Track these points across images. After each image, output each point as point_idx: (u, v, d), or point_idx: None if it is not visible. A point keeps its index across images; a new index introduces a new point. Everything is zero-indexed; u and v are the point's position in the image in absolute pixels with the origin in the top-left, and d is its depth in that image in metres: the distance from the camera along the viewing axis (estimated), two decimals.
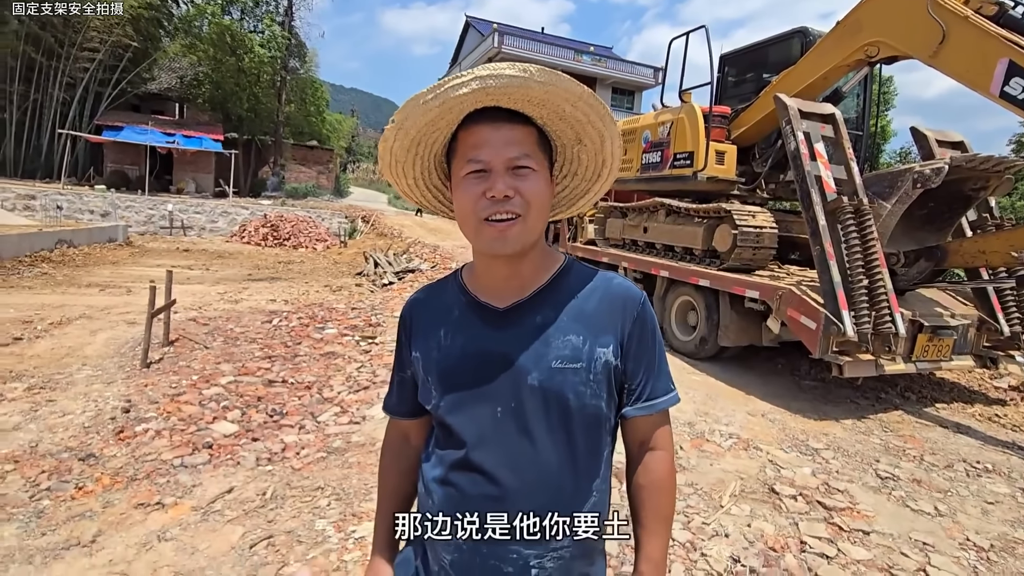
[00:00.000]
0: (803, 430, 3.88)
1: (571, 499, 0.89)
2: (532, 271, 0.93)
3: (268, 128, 25.97)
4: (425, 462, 0.98)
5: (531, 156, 0.86)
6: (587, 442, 0.90)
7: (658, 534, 0.95)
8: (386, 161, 0.93)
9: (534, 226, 0.87)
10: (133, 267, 11.04)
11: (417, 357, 0.96)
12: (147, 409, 3.73)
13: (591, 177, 0.99)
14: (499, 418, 0.88)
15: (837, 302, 3.99)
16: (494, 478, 0.87)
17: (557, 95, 0.84)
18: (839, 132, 4.71)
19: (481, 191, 0.84)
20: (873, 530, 2.65)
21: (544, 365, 0.87)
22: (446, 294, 0.99)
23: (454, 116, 0.86)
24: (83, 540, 2.39)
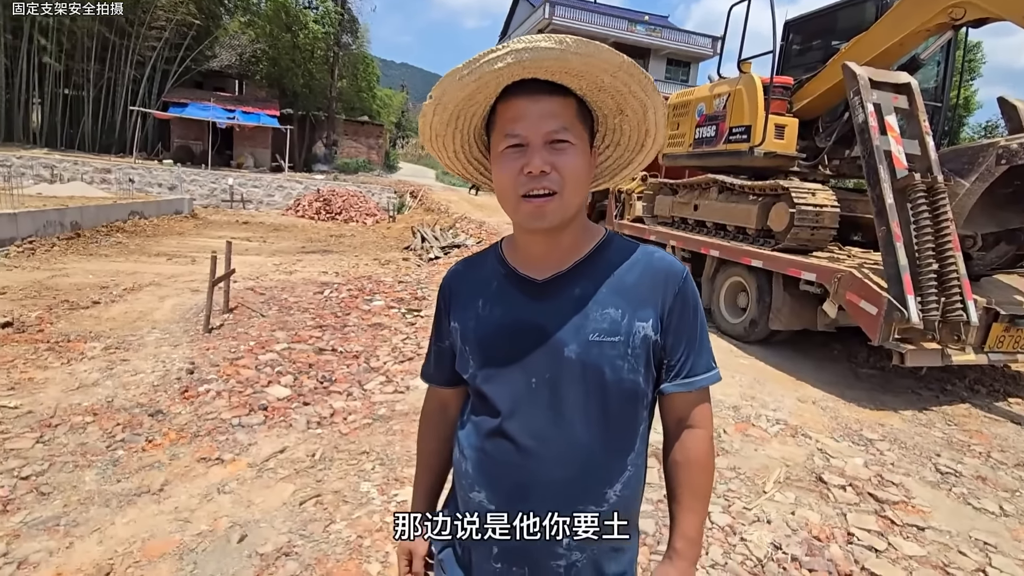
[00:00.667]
0: (857, 419, 3.71)
1: (604, 472, 0.89)
2: (571, 244, 0.92)
3: (321, 103, 26.54)
4: (460, 429, 1.00)
5: (569, 129, 0.84)
6: (622, 416, 0.90)
7: (694, 511, 0.94)
8: (426, 136, 0.93)
9: (571, 201, 0.86)
10: (197, 238, 11.66)
11: (455, 327, 0.97)
12: (208, 371, 3.97)
13: (634, 147, 0.97)
14: (533, 389, 0.88)
15: (902, 286, 3.75)
16: (526, 447, 0.88)
17: (595, 66, 0.82)
18: (914, 103, 4.36)
19: (519, 166, 0.83)
20: (928, 526, 2.52)
21: (582, 338, 0.86)
22: (485, 266, 0.99)
23: (491, 90, 0.85)
24: (152, 488, 2.60)
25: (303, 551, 2.19)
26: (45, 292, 5.96)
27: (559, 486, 0.88)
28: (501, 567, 0.91)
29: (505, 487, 0.90)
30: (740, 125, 5.91)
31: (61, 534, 2.25)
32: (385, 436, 3.20)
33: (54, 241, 8.83)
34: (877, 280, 4.00)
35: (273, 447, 3.02)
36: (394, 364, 4.33)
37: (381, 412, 3.51)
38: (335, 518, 2.42)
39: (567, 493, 0.88)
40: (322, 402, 3.62)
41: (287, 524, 2.36)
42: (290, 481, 2.71)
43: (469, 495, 0.94)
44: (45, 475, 2.64)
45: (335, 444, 3.09)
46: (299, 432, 3.22)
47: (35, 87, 20.13)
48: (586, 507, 0.88)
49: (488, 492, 0.91)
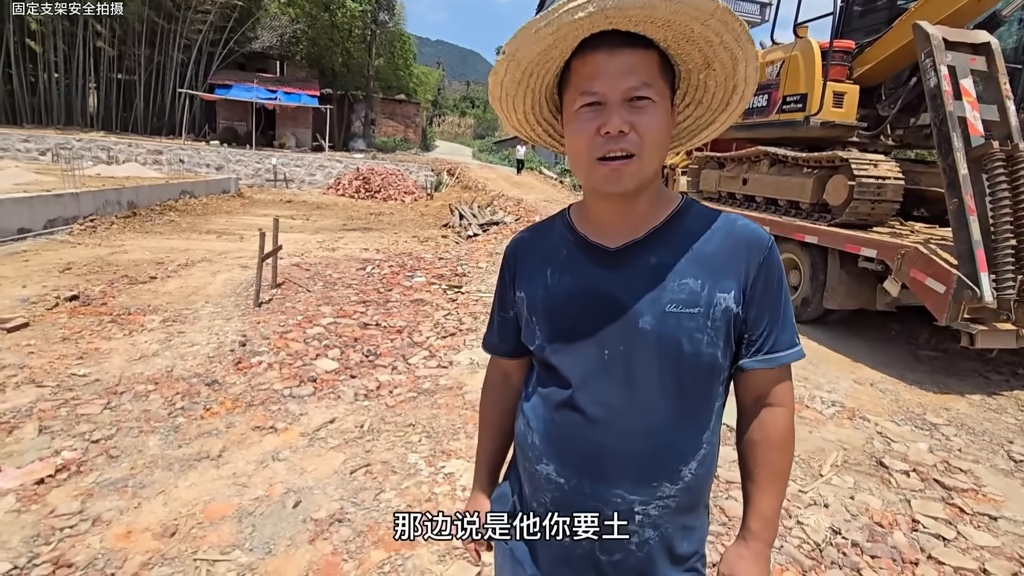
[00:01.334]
0: (920, 403, 3.53)
1: (678, 448, 0.85)
2: (647, 210, 0.86)
3: (359, 82, 26.72)
4: (525, 401, 0.96)
5: (651, 85, 0.78)
6: (698, 392, 0.85)
7: (771, 492, 0.89)
8: (496, 95, 0.88)
9: (649, 164, 0.80)
10: (244, 216, 12.02)
11: (522, 297, 0.93)
12: (260, 344, 4.10)
13: (718, 106, 0.89)
14: (606, 361, 0.83)
15: (975, 263, 3.50)
16: (597, 420, 0.84)
17: (686, 13, 0.74)
18: (994, 65, 4.00)
19: (595, 127, 0.78)
20: (1002, 516, 2.38)
21: (658, 309, 0.81)
22: (553, 234, 0.94)
23: (568, 43, 0.78)
24: (211, 454, 2.71)
25: (355, 518, 2.25)
26: (106, 267, 6.26)
27: (633, 461, 0.84)
28: (572, 543, 0.88)
29: (575, 459, 0.87)
30: (795, 93, 5.59)
31: (130, 495, 2.37)
32: (430, 410, 3.24)
33: (113, 219, 9.26)
34: (945, 256, 3.74)
35: (323, 417, 3.10)
36: (436, 339, 4.36)
37: (425, 386, 3.55)
38: (384, 487, 2.47)
39: (641, 469, 0.84)
40: (368, 375, 3.68)
41: (339, 492, 2.43)
42: (340, 451, 2.77)
43: (536, 467, 0.90)
44: (113, 439, 2.79)
45: (382, 416, 3.14)
46: (347, 404, 3.29)
47: (91, 72, 20.98)
48: (660, 484, 0.84)
49: (557, 464, 0.88)
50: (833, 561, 2.05)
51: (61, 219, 8.37)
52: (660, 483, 0.84)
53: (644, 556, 0.86)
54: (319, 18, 24.02)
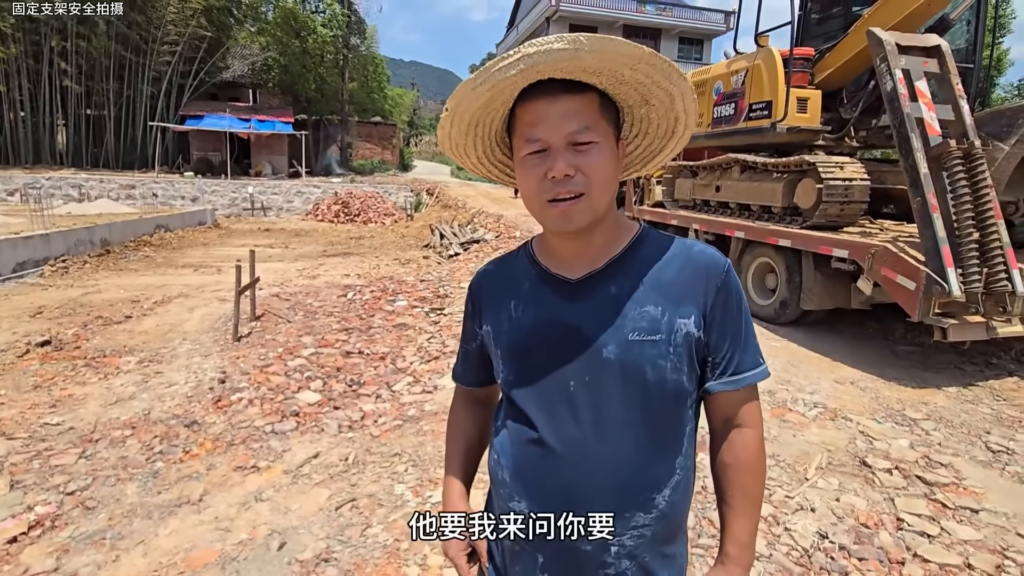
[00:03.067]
0: (899, 399, 3.59)
1: (650, 477, 0.85)
2: (604, 241, 0.88)
3: (334, 107, 26.76)
4: (495, 436, 0.96)
5: (592, 128, 0.80)
6: (667, 418, 0.85)
7: (746, 515, 0.89)
8: (446, 145, 0.91)
9: (600, 201, 0.82)
10: (221, 247, 11.88)
11: (488, 331, 0.95)
12: (240, 379, 4.03)
13: (664, 135, 0.93)
14: (572, 393, 0.84)
15: (941, 259, 3.59)
16: (566, 454, 0.84)
17: (612, 61, 0.77)
18: (946, 66, 4.16)
19: (542, 172, 0.80)
20: (983, 508, 2.42)
21: (620, 338, 0.82)
22: (516, 266, 0.96)
23: (507, 96, 0.82)
24: (192, 499, 2.64)
25: (342, 556, 2.20)
26: (79, 309, 6.12)
27: (605, 494, 0.84)
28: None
29: (546, 496, 0.86)
30: (760, 101, 5.74)
31: (107, 548, 2.30)
32: (416, 437, 3.20)
33: (85, 259, 9.08)
34: (914, 254, 3.84)
35: (307, 453, 3.05)
36: (420, 364, 4.33)
37: (411, 413, 3.52)
38: (371, 522, 2.42)
39: (614, 500, 0.84)
40: (352, 405, 3.64)
41: (324, 530, 2.38)
42: (325, 486, 2.72)
43: (508, 504, 0.90)
44: (89, 490, 2.71)
45: (367, 447, 3.10)
46: (331, 436, 3.24)
47: (59, 109, 20.72)
48: (634, 514, 0.84)
49: (528, 501, 0.87)
50: (822, 567, 2.05)
51: (31, 261, 8.19)
52: (633, 513, 0.84)
53: None
54: (290, 45, 24.10)
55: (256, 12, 26.14)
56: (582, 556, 0.85)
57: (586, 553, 0.84)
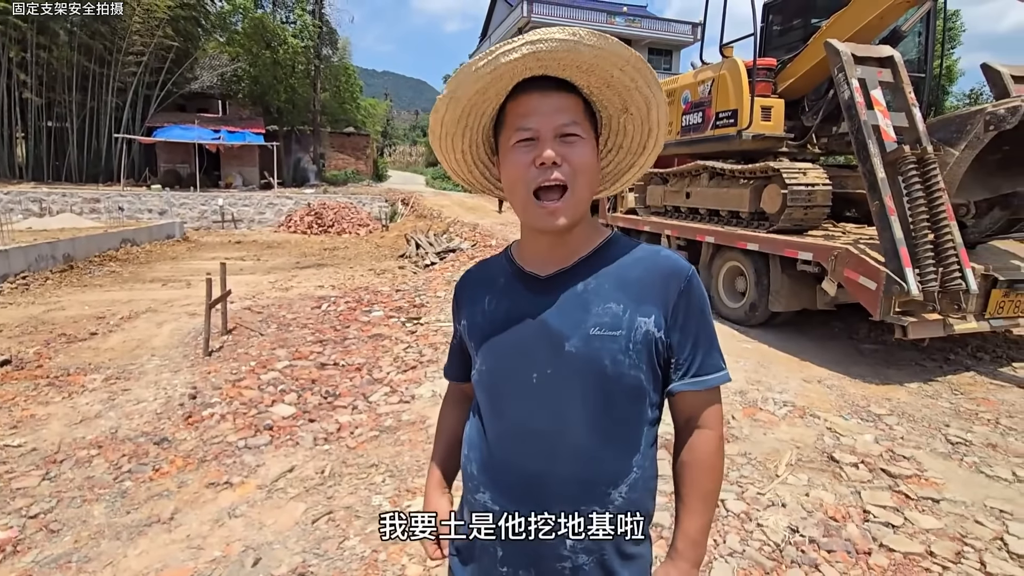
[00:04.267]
0: (864, 396, 3.71)
1: (606, 471, 0.88)
2: (578, 242, 0.93)
3: (306, 118, 26.48)
4: (466, 432, 1.01)
5: (579, 124, 0.86)
6: (624, 414, 0.88)
7: (698, 512, 0.92)
8: (436, 133, 0.94)
9: (582, 196, 0.87)
10: (191, 261, 11.61)
11: (464, 324, 1.00)
12: (211, 395, 3.94)
13: (636, 149, 0.98)
14: (535, 384, 0.88)
15: (900, 260, 3.74)
16: (527, 445, 0.88)
17: (607, 59, 0.83)
18: (899, 76, 4.35)
19: (530, 159, 0.84)
20: (943, 498, 2.52)
21: (583, 332, 0.86)
22: (496, 266, 1.02)
23: (504, 84, 0.86)
24: (162, 517, 2.57)
25: (318, 570, 2.17)
26: (41, 327, 5.91)
27: (562, 484, 0.87)
28: (507, 570, 0.90)
29: (508, 487, 0.90)
30: (726, 110, 5.91)
31: (74, 571, 2.23)
32: (393, 447, 3.18)
33: (47, 275, 8.78)
34: (874, 255, 3.99)
35: (281, 467, 3.00)
36: (397, 374, 4.31)
37: (388, 423, 3.50)
38: (348, 534, 2.40)
39: (570, 492, 0.87)
40: (327, 418, 3.59)
41: (300, 544, 2.34)
42: (301, 500, 2.69)
43: (475, 496, 0.94)
44: (54, 512, 2.62)
45: (343, 459, 3.07)
46: (306, 449, 3.19)
47: (17, 122, 20.01)
48: (590, 507, 0.86)
49: (492, 492, 0.91)
50: (793, 560, 2.11)
51: None
52: (590, 506, 0.86)
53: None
54: (260, 56, 23.77)
55: (225, 22, 25.75)
56: (541, 549, 0.87)
57: (545, 546, 0.87)
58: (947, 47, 23.00)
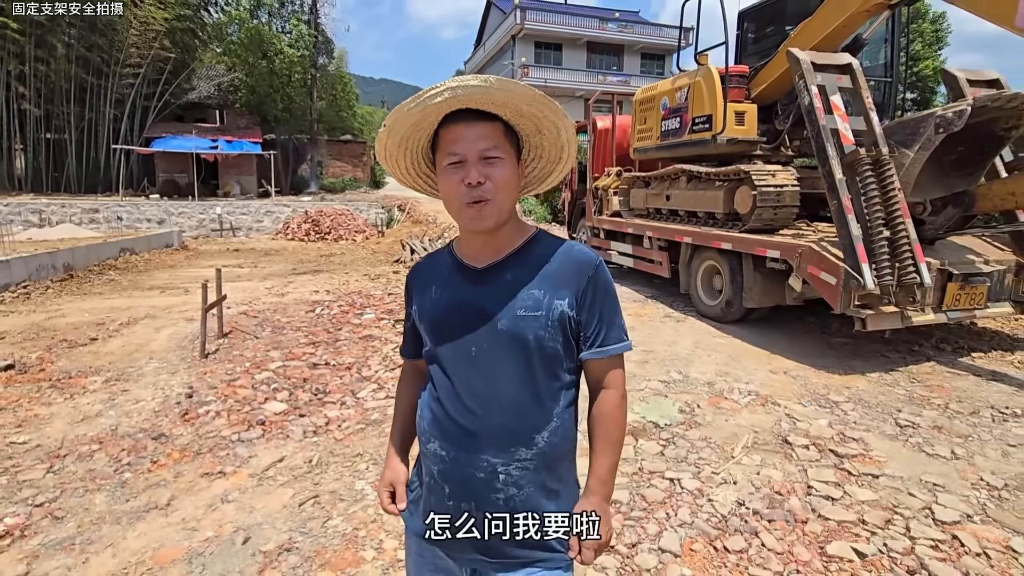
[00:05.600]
0: (825, 385, 3.91)
1: (531, 420, 1.07)
2: (506, 240, 1.11)
3: (303, 126, 26.78)
4: (420, 399, 1.21)
5: (499, 147, 1.04)
6: (546, 374, 1.08)
7: (605, 454, 1.13)
8: (382, 155, 1.14)
9: (504, 204, 1.06)
10: (189, 269, 11.80)
11: (415, 309, 1.19)
12: (207, 394, 4.14)
13: (554, 159, 1.18)
14: (474, 356, 1.07)
15: (856, 256, 3.96)
16: (468, 402, 1.08)
17: (514, 98, 1.02)
18: (857, 82, 4.58)
19: (459, 179, 1.02)
20: (883, 474, 2.72)
21: (511, 313, 1.05)
22: (440, 259, 1.20)
23: (433, 118, 1.05)
24: (160, 504, 2.77)
25: (303, 545, 2.37)
26: (43, 333, 6.11)
27: (495, 432, 1.06)
28: (453, 504, 1.09)
29: (452, 436, 1.09)
30: (702, 115, 6.13)
31: (77, 551, 2.42)
32: (378, 439, 3.38)
33: (48, 284, 8.97)
34: (835, 252, 4.21)
35: (272, 457, 3.20)
36: (385, 372, 4.51)
37: (374, 417, 3.69)
38: (332, 515, 2.60)
39: (502, 436, 1.06)
40: (317, 413, 3.79)
41: (287, 524, 2.54)
42: (289, 486, 2.88)
43: (427, 446, 1.14)
44: (58, 501, 2.81)
45: (331, 450, 3.27)
46: (296, 442, 3.39)
47: (16, 134, 20.27)
48: (517, 449, 1.06)
49: (440, 441, 1.10)
50: (736, 529, 2.31)
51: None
52: (517, 448, 1.06)
53: (509, 511, 1.06)
54: (257, 66, 24.08)
55: (221, 33, 26.09)
56: (477, 484, 1.07)
57: (481, 481, 1.06)
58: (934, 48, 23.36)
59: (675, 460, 2.91)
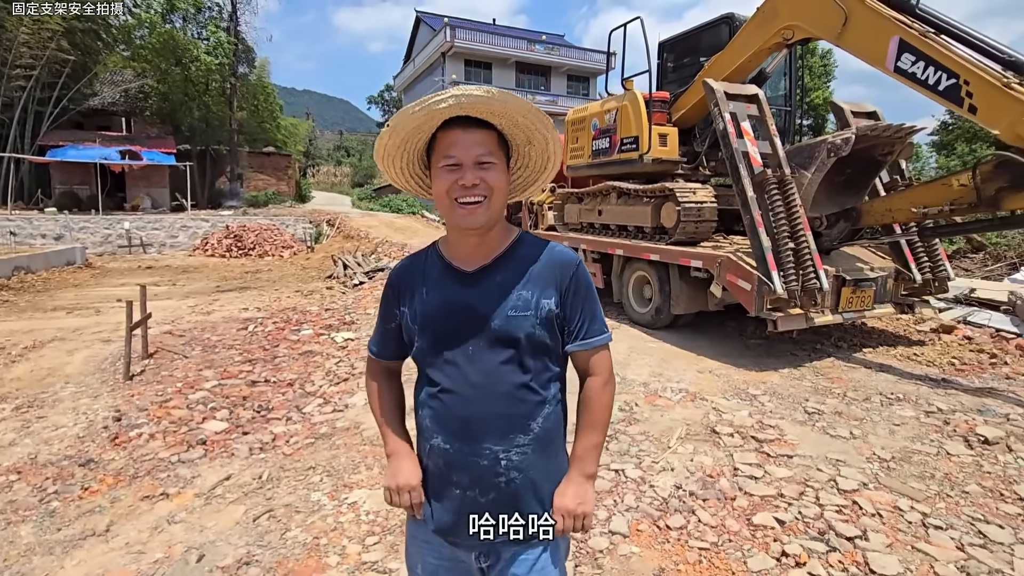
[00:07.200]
0: (745, 381, 4.34)
1: (526, 409, 1.16)
2: (495, 242, 1.19)
3: (222, 137, 25.47)
4: (418, 396, 1.26)
5: (493, 153, 1.13)
6: (536, 368, 1.17)
7: (586, 435, 1.23)
8: (380, 154, 1.19)
9: (496, 206, 1.14)
10: (97, 288, 10.92)
11: (404, 311, 1.23)
12: (137, 416, 3.93)
13: (539, 169, 1.28)
14: (470, 354, 1.15)
15: (767, 265, 4.44)
16: (467, 397, 1.15)
17: (512, 109, 1.12)
18: (763, 110, 5.16)
19: (454, 179, 1.11)
20: (796, 454, 3.09)
21: (503, 313, 1.14)
22: (426, 261, 1.25)
23: (435, 122, 1.13)
24: (98, 530, 2.63)
25: (263, 558, 2.36)
26: None
27: (494, 422, 1.15)
28: (459, 492, 1.18)
29: (454, 430, 1.17)
30: (629, 136, 6.58)
31: None
32: (329, 451, 3.37)
33: None
34: (749, 261, 4.69)
35: (218, 476, 3.11)
36: (330, 386, 4.47)
37: (323, 431, 3.67)
38: (290, 527, 2.59)
39: (500, 425, 1.15)
40: (262, 429, 3.71)
41: (243, 539, 2.51)
42: (240, 503, 2.83)
43: (430, 442, 1.20)
44: None
45: (280, 465, 3.22)
46: (242, 459, 3.31)
47: None
48: (515, 436, 1.15)
49: (443, 435, 1.18)
50: (675, 509, 2.56)
51: None
52: (515, 435, 1.15)
53: (512, 492, 1.16)
54: (170, 72, 22.69)
55: (128, 36, 24.34)
56: (482, 470, 1.15)
57: (484, 467, 1.15)
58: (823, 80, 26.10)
59: (619, 453, 3.14)
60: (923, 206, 4.47)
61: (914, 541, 2.34)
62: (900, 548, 2.30)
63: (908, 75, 4.21)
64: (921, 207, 4.45)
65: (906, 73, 4.21)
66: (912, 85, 4.23)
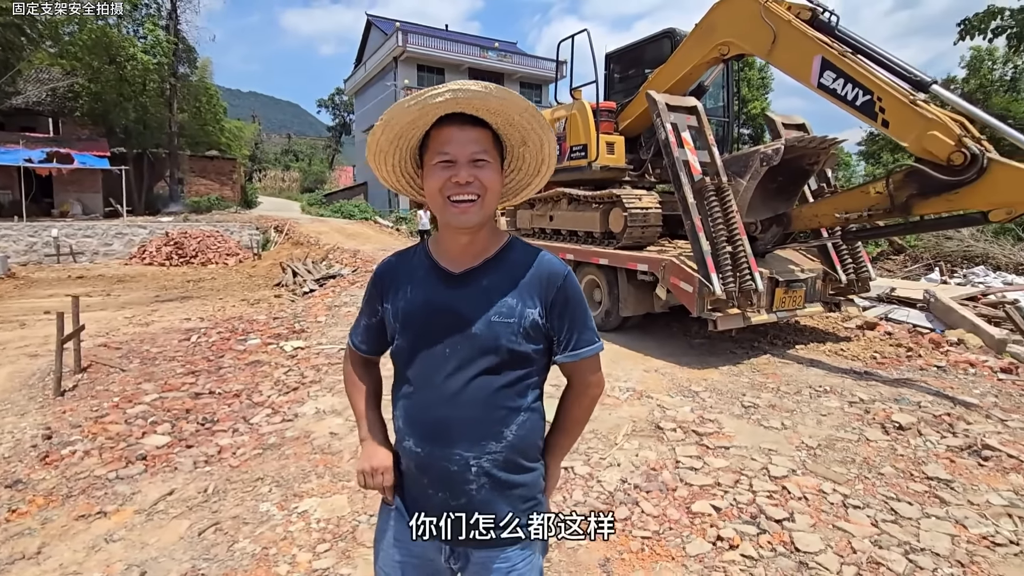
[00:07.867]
0: (687, 378, 4.55)
1: (500, 416, 1.13)
2: (484, 244, 1.17)
3: (161, 140, 24.31)
4: (395, 388, 1.23)
5: (487, 152, 1.10)
6: (514, 376, 1.14)
7: (561, 434, 1.28)
8: (372, 150, 1.16)
9: (489, 205, 1.11)
10: (20, 300, 10.23)
11: (388, 308, 1.21)
12: (70, 433, 3.73)
13: (533, 172, 1.24)
14: (447, 356, 1.12)
15: (707, 267, 4.68)
16: (441, 402, 1.13)
17: (509, 106, 1.09)
18: (701, 122, 5.44)
19: (447, 176, 1.08)
20: (733, 445, 3.28)
21: (486, 318, 1.11)
22: (413, 259, 1.24)
23: (429, 118, 1.10)
24: (27, 553, 2.50)
25: (210, 571, 2.31)
26: None
27: (467, 428, 1.12)
28: (431, 492, 1.16)
29: (426, 433, 1.14)
30: (578, 144, 6.78)
31: None
32: (278, 461, 3.32)
33: None
34: (691, 264, 4.92)
35: (160, 492, 3.01)
36: (278, 396, 4.38)
37: (271, 441, 3.60)
38: (238, 539, 2.54)
39: (472, 433, 1.12)
40: (207, 442, 3.60)
41: (188, 553, 2.45)
42: (184, 517, 2.75)
43: (403, 444, 1.19)
44: None
45: (227, 477, 3.15)
46: (186, 473, 3.21)
47: None
48: (488, 443, 1.12)
49: (415, 439, 1.16)
50: (621, 501, 2.68)
51: None
52: (487, 442, 1.12)
53: (482, 500, 1.13)
54: (103, 71, 21.46)
55: (56, 32, 22.88)
56: (452, 475, 1.13)
57: (455, 473, 1.12)
58: (761, 93, 27.50)
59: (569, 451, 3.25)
60: (845, 211, 4.83)
61: (835, 520, 2.55)
62: (822, 527, 2.50)
63: (830, 91, 4.55)
64: (844, 212, 4.80)
65: (828, 89, 4.56)
66: (834, 100, 4.58)
